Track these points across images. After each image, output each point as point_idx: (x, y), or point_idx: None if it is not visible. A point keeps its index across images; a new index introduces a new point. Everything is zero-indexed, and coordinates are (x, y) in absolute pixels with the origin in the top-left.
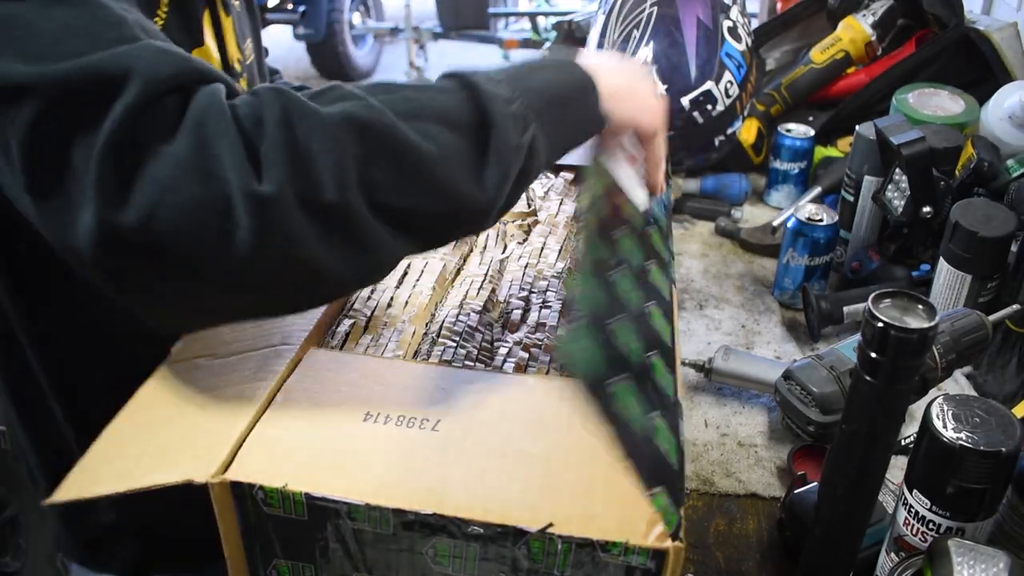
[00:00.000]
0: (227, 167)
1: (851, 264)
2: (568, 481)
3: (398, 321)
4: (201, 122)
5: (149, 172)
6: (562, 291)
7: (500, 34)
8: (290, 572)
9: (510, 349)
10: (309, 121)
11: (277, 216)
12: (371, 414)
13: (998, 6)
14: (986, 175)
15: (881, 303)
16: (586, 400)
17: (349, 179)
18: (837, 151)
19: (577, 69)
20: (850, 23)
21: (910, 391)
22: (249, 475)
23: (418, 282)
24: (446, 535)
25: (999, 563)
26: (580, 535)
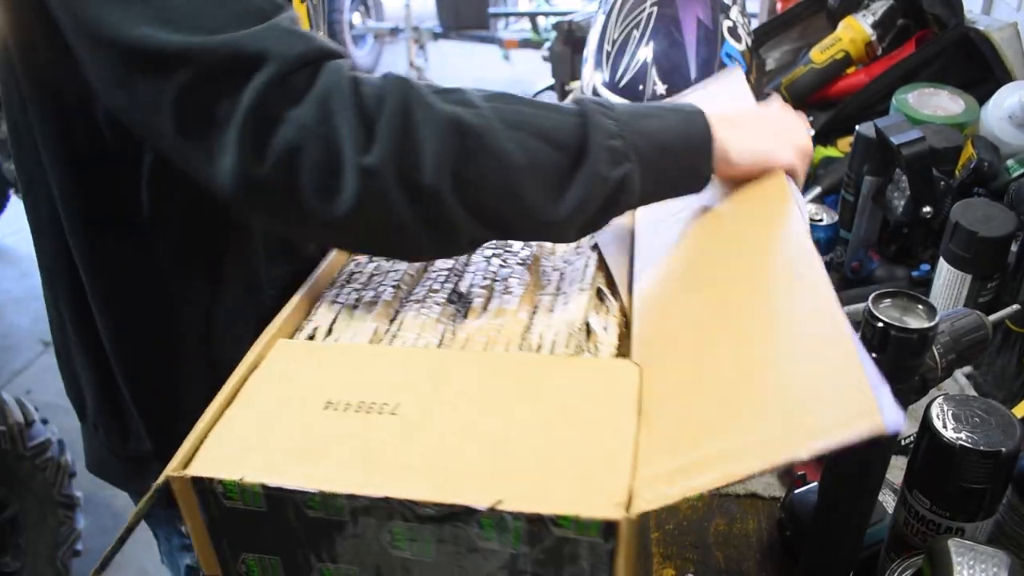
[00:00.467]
0: (343, 137)
1: (851, 264)
2: (522, 457)
3: (361, 321)
4: (325, 96)
5: (280, 134)
6: (526, 276)
7: (500, 34)
8: (258, 565)
9: (468, 335)
10: (424, 113)
11: (377, 185)
12: (332, 402)
13: (998, 6)
14: (986, 175)
15: (881, 303)
16: None
17: (445, 169)
18: (837, 151)
19: (699, 123)
20: (850, 23)
21: (910, 391)
22: (209, 470)
23: (382, 283)
24: (400, 519)
25: (999, 563)
26: (530, 510)
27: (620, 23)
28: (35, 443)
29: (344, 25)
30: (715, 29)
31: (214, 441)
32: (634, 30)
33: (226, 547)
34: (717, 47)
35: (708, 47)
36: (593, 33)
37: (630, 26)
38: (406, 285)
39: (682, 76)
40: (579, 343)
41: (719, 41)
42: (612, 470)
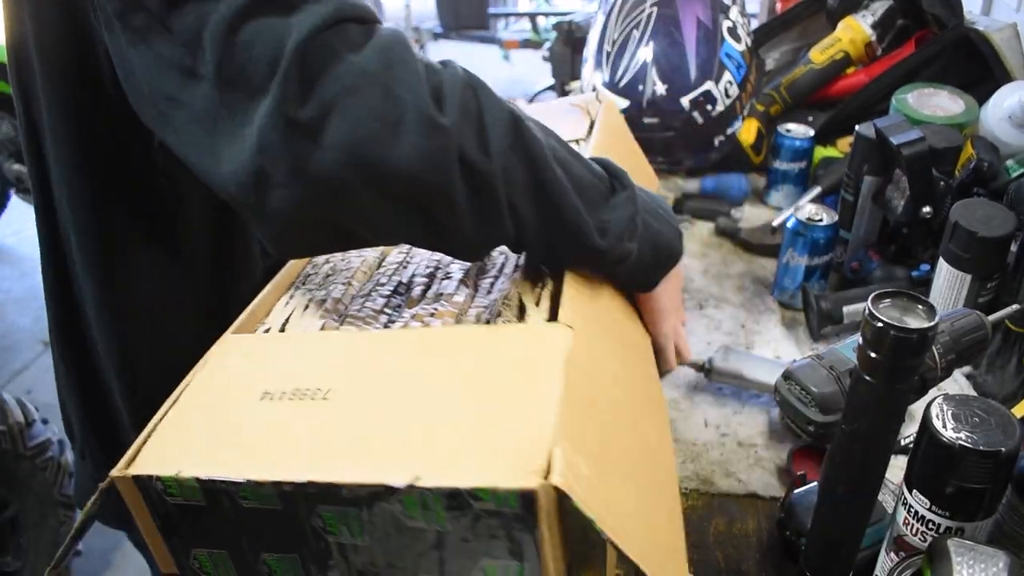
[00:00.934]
0: (408, 89)
1: (851, 264)
2: (446, 432)
3: (310, 318)
4: (389, 46)
5: (334, 74)
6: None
7: (500, 34)
8: (209, 560)
9: (405, 323)
10: (488, 95)
11: (443, 146)
12: (268, 392)
13: (998, 6)
14: (986, 175)
15: (881, 303)
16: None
17: (499, 155)
18: (837, 151)
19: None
20: (850, 23)
21: (910, 391)
22: (148, 467)
23: (334, 281)
24: (328, 503)
25: (999, 563)
26: (448, 485)
27: (620, 23)
28: (35, 443)
29: None
30: (715, 29)
31: (156, 439)
32: (634, 30)
33: (177, 544)
34: (717, 47)
35: (708, 47)
36: (593, 33)
37: (630, 26)
38: (357, 282)
39: (682, 76)
40: (509, 319)
41: (719, 41)
42: (533, 439)
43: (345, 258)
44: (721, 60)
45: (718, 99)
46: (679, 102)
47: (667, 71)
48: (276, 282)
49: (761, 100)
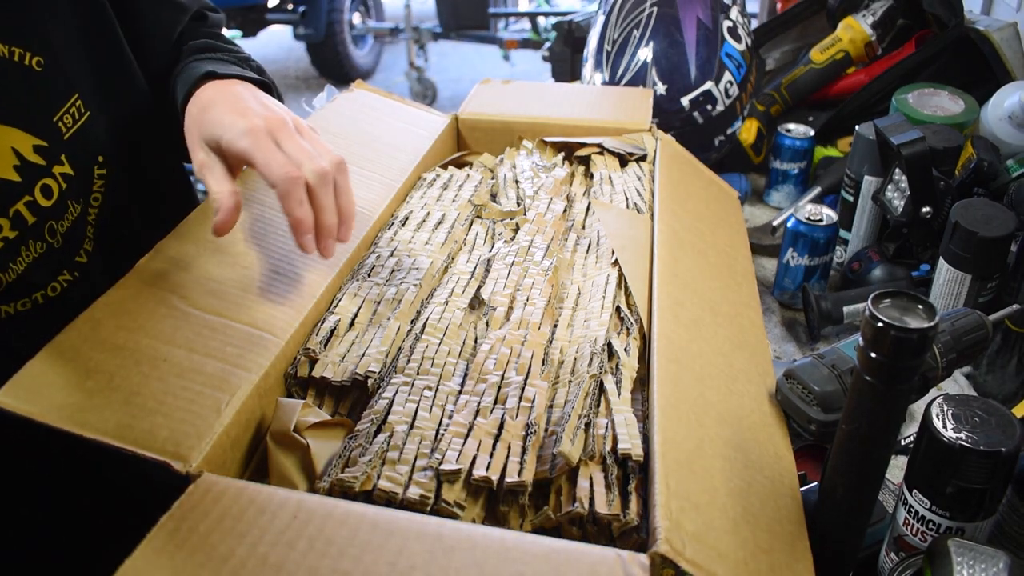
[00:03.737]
0: None
1: (851, 264)
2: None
3: (383, 318)
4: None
5: None
6: (547, 289)
7: (500, 34)
8: None
9: (492, 345)
10: None
11: None
12: None
13: (998, 6)
14: (986, 175)
15: (881, 303)
16: None
17: None
18: (837, 151)
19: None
20: (850, 23)
21: (910, 391)
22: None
23: (404, 279)
24: None
25: (999, 563)
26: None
27: (620, 23)
28: None
29: (344, 25)
30: (715, 29)
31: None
32: (634, 30)
33: None
34: (717, 47)
35: (708, 47)
36: (593, 33)
37: (630, 26)
38: (427, 285)
39: (682, 76)
40: (602, 362)
41: (719, 41)
42: None
43: (411, 254)
44: (721, 60)
45: (718, 99)
46: (679, 102)
47: (667, 71)
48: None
49: (761, 100)
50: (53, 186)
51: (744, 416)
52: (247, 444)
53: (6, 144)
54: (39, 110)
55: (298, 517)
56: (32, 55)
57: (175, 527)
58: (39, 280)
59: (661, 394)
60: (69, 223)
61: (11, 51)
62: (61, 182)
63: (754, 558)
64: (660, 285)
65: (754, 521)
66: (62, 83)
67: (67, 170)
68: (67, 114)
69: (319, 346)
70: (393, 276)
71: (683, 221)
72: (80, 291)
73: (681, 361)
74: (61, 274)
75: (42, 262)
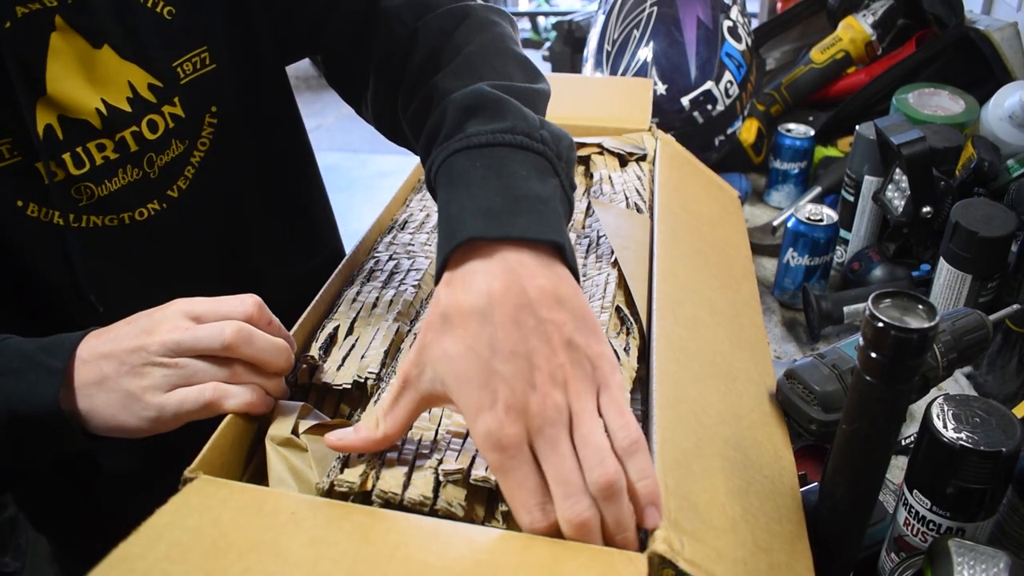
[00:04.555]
0: None
1: (851, 264)
2: None
3: (382, 320)
4: None
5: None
6: None
7: None
8: None
9: None
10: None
11: None
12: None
13: (998, 6)
14: (986, 175)
15: (881, 303)
16: None
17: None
18: (837, 151)
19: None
20: (850, 23)
21: (911, 391)
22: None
23: (403, 281)
24: None
25: (999, 563)
26: None
27: (620, 23)
28: None
29: None
30: (715, 29)
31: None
32: (634, 30)
33: None
34: (717, 47)
35: (708, 47)
36: (593, 33)
37: (630, 26)
38: (427, 285)
39: (682, 76)
40: None
41: (719, 41)
42: None
43: (410, 255)
44: (722, 60)
45: (718, 99)
46: (679, 102)
47: (667, 71)
48: (338, 272)
49: (761, 100)
50: (160, 122)
51: (744, 416)
52: (246, 447)
53: (124, 77)
54: (160, 54)
55: (295, 515)
56: (165, 4)
57: (168, 521)
58: (130, 202)
59: (660, 394)
60: (169, 159)
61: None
62: (169, 121)
63: (753, 558)
64: (660, 285)
65: (753, 521)
66: (192, 34)
67: (178, 111)
68: (189, 62)
69: (319, 352)
70: (392, 278)
71: (683, 221)
72: (164, 221)
73: (680, 361)
74: (151, 202)
75: (136, 187)
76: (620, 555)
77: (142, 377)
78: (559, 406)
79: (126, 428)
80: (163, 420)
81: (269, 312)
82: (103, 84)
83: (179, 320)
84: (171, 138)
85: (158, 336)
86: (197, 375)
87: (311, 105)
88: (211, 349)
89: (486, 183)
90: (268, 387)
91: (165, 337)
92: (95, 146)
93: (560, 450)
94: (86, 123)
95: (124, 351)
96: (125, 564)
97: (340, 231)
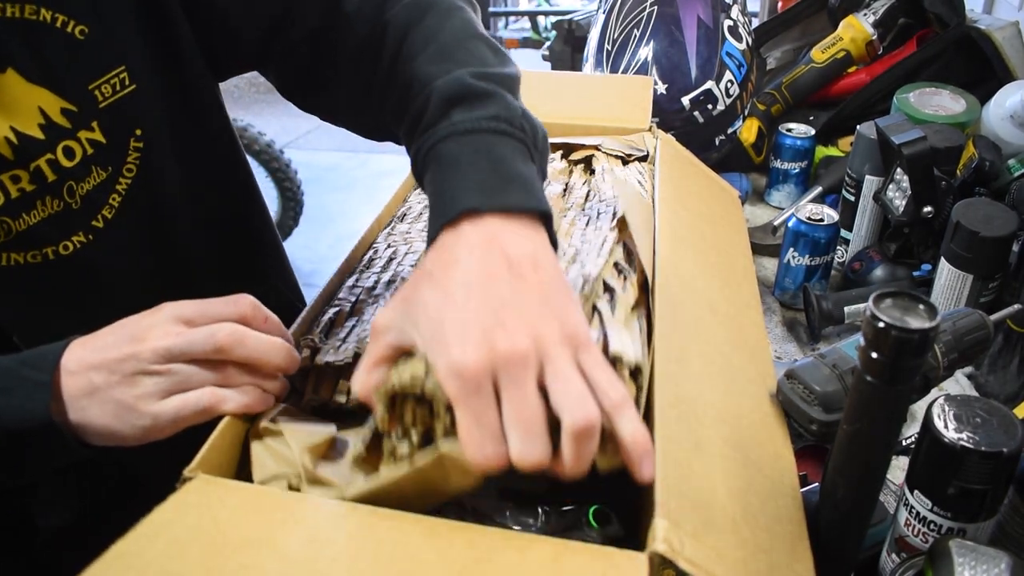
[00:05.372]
0: None
1: (852, 264)
2: None
3: (381, 299)
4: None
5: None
6: None
7: (500, 33)
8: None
9: None
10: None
11: None
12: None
13: (999, 5)
14: (987, 175)
15: (882, 303)
16: None
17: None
18: (838, 151)
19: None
20: (851, 22)
21: (912, 391)
22: None
23: (400, 264)
24: None
25: (1000, 564)
26: None
27: (620, 22)
28: None
29: None
30: (716, 28)
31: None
32: (634, 29)
33: None
34: (718, 46)
35: (708, 46)
36: (593, 32)
37: (630, 25)
38: None
39: (683, 75)
40: (595, 291)
41: (720, 40)
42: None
43: (407, 242)
44: (722, 59)
45: (719, 98)
46: (680, 101)
47: (668, 70)
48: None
49: (762, 99)
50: (76, 149)
51: (744, 415)
52: (245, 446)
53: (34, 103)
54: (74, 76)
55: (294, 513)
56: (76, 23)
57: (167, 519)
58: (52, 236)
59: (660, 394)
60: (90, 187)
61: (54, 17)
62: (87, 147)
63: (753, 558)
64: (660, 284)
65: (754, 521)
66: (107, 54)
67: (97, 137)
68: (107, 84)
69: (319, 336)
70: (390, 264)
71: (683, 220)
72: (91, 254)
73: (681, 361)
74: (76, 234)
75: (57, 219)
76: (620, 555)
77: (134, 386)
78: (527, 351)
79: (121, 437)
80: (159, 428)
81: (265, 310)
82: (10, 111)
83: (169, 325)
84: (91, 165)
85: (149, 343)
86: (191, 380)
87: None
88: (204, 353)
89: (476, 164)
90: (267, 386)
91: (156, 344)
92: (9, 178)
93: (524, 390)
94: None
95: (114, 360)
96: (122, 560)
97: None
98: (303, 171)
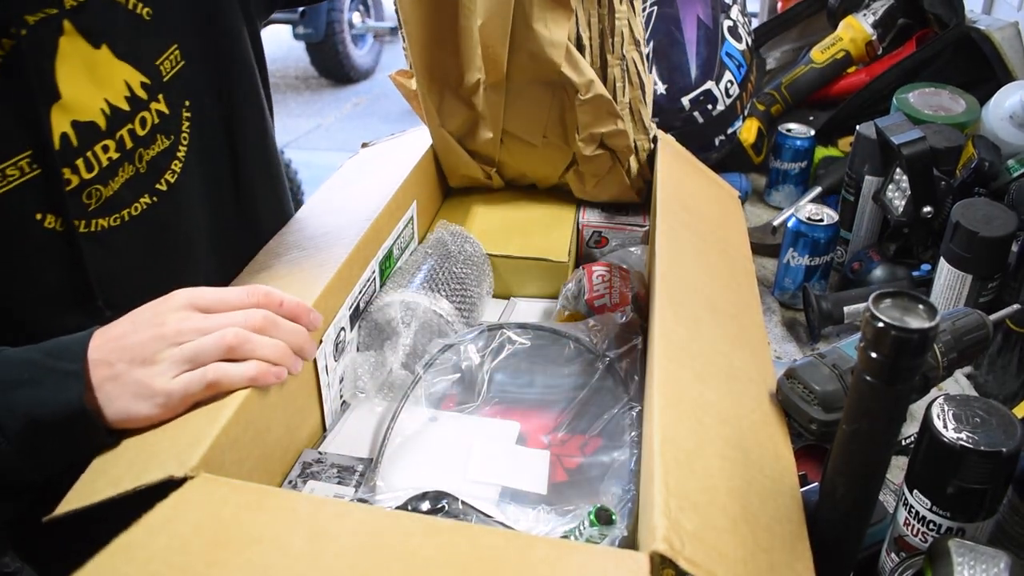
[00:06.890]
0: None
1: (851, 264)
2: None
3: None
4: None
5: None
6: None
7: None
8: None
9: None
10: None
11: None
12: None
13: (999, 5)
14: (987, 175)
15: (882, 303)
16: None
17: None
18: (837, 151)
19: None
20: (850, 23)
21: (911, 391)
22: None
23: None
24: None
25: (1000, 563)
26: None
27: None
28: None
29: (344, 24)
30: (715, 28)
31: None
32: None
33: None
34: (717, 46)
35: (708, 46)
36: None
37: None
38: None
39: (682, 75)
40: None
41: (719, 40)
42: None
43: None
44: (722, 59)
45: (719, 99)
46: (680, 101)
47: (667, 70)
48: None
49: (762, 99)
50: (148, 118)
51: (744, 415)
52: (246, 445)
53: (120, 76)
54: (145, 52)
55: (297, 511)
56: (144, 5)
57: (169, 515)
58: (127, 199)
59: (661, 394)
60: (155, 153)
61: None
62: (154, 117)
63: (753, 557)
64: (660, 284)
65: (754, 520)
66: (165, 33)
67: (163, 108)
68: (167, 60)
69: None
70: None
71: (683, 220)
72: (155, 215)
73: (681, 360)
74: (143, 196)
75: (130, 183)
76: (621, 554)
77: (152, 366)
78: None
79: (140, 419)
80: (172, 405)
81: (278, 294)
82: (104, 84)
83: (185, 312)
84: (156, 134)
85: (167, 328)
86: (200, 356)
87: (311, 105)
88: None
89: None
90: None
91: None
92: (101, 148)
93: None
94: (93, 125)
95: (136, 344)
96: (125, 553)
97: None
98: (303, 171)
